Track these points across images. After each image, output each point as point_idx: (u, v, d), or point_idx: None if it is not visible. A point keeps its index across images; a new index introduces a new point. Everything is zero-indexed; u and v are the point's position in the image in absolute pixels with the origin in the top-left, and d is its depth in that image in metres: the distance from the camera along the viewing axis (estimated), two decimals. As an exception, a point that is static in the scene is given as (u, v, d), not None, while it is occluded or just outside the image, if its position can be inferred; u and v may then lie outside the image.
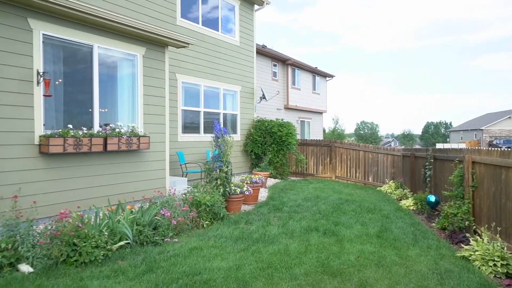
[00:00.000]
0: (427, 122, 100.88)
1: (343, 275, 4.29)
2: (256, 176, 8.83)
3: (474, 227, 5.96)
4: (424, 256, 5.00)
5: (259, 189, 8.77)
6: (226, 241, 5.41)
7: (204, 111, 11.10)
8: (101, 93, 6.63)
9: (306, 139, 14.67)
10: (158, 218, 5.59)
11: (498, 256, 4.53)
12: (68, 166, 6.05)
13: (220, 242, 5.35)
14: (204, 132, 11.00)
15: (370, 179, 12.75)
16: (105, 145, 6.36)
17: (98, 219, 5.14)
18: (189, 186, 8.05)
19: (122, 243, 4.95)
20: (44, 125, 5.75)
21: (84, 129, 6.16)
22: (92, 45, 6.46)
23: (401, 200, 9.41)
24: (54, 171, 5.86)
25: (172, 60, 9.66)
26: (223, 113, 11.83)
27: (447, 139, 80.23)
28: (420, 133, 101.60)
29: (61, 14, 5.87)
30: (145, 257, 4.65)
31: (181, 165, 9.93)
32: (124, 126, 6.90)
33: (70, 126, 5.96)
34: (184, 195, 6.75)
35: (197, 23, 10.87)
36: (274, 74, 20.79)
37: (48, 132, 5.68)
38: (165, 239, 5.37)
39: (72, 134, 5.86)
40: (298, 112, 23.31)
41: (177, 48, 8.97)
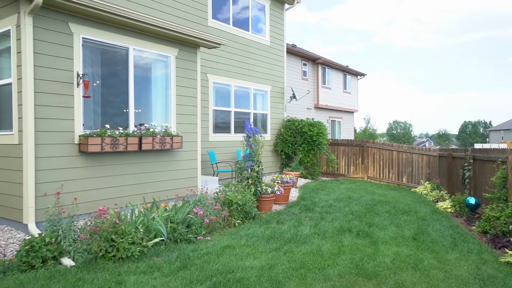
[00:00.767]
0: (464, 121, 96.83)
1: (378, 278, 4.18)
2: (287, 176, 8.78)
3: (519, 231, 5.64)
4: (465, 261, 4.79)
5: (290, 189, 8.72)
6: (258, 240, 5.41)
7: (235, 111, 11.18)
8: (136, 94, 6.82)
9: (337, 139, 14.45)
10: (191, 216, 5.68)
11: (547, 263, 4.26)
12: (105, 165, 6.27)
13: (252, 241, 5.37)
14: (235, 132, 11.08)
15: (404, 180, 12.37)
16: (140, 145, 6.53)
17: (134, 216, 5.29)
18: (221, 185, 8.13)
19: (157, 240, 5.06)
20: (83, 125, 5.99)
21: (120, 129, 6.36)
22: (128, 47, 6.66)
23: (438, 202, 9.07)
24: (92, 170, 6.09)
25: (204, 61, 9.79)
26: (253, 113, 11.86)
27: (487, 139, 76.57)
28: (457, 133, 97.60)
29: (99, 18, 6.09)
30: (179, 254, 4.74)
31: (212, 165, 10.05)
32: (158, 126, 7.07)
33: (107, 126, 6.17)
34: (216, 194, 6.83)
35: (228, 24, 10.97)
36: (304, 74, 20.63)
37: (87, 132, 5.91)
38: (198, 237, 5.45)
39: (109, 134, 6.06)
40: (329, 112, 23.00)
41: (209, 49, 9.09)
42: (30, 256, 4.18)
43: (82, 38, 5.96)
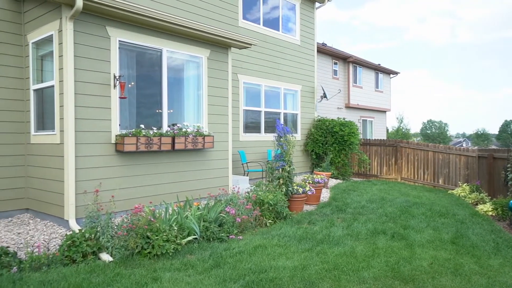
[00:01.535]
0: (505, 121, 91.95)
1: (416, 282, 4.04)
2: (318, 176, 8.68)
3: None
4: (509, 267, 4.54)
5: (321, 190, 8.61)
6: (290, 241, 5.38)
7: (265, 111, 11.18)
8: (169, 95, 6.96)
9: (369, 139, 14.12)
10: (223, 215, 5.73)
11: None
12: (140, 164, 6.44)
13: (284, 241, 5.34)
14: (265, 132, 11.08)
15: (440, 182, 11.91)
16: (173, 144, 6.66)
17: (168, 215, 5.41)
18: (252, 185, 8.15)
19: (190, 238, 5.15)
20: (119, 125, 6.19)
21: (154, 129, 6.52)
22: (161, 49, 6.81)
23: (477, 205, 8.66)
24: (128, 168, 6.28)
25: (234, 61, 9.86)
26: (284, 113, 11.82)
27: (529, 139, 72.34)
28: (497, 133, 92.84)
29: (135, 21, 6.27)
30: (212, 253, 4.79)
31: (243, 164, 10.10)
32: (190, 126, 7.18)
33: (142, 126, 6.34)
34: (247, 194, 6.85)
35: (258, 24, 10.99)
36: (335, 73, 20.34)
37: (123, 132, 6.10)
38: (230, 236, 5.48)
39: (144, 134, 6.23)
40: (360, 111, 22.54)
41: (239, 49, 9.15)
42: (72, 251, 4.37)
43: (119, 41, 6.16)
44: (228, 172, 8.03)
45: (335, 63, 20.42)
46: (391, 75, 26.13)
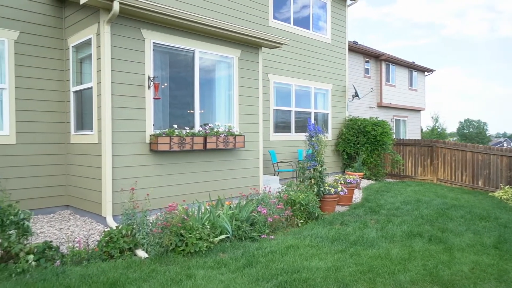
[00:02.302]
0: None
1: (456, 287, 3.87)
2: (350, 177, 8.52)
3: None
4: (559, 274, 4.26)
5: (354, 190, 8.45)
6: (322, 241, 5.31)
7: (295, 111, 11.11)
8: (200, 95, 7.06)
9: (403, 139, 13.70)
10: (255, 215, 5.74)
11: None
12: (173, 163, 6.57)
13: (316, 242, 5.27)
14: (295, 132, 11.01)
15: (480, 183, 11.36)
16: (205, 144, 6.75)
17: (200, 213, 5.48)
18: (282, 185, 8.12)
19: (222, 237, 5.19)
20: (153, 125, 6.34)
21: (187, 129, 6.63)
22: (194, 50, 6.92)
23: (522, 208, 8.19)
24: (162, 167, 6.42)
25: (264, 61, 9.85)
26: (314, 112, 11.69)
27: None
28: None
29: (168, 23, 6.40)
30: (244, 252, 4.80)
31: (273, 164, 10.08)
32: (221, 126, 7.25)
33: (175, 126, 6.47)
34: (278, 193, 6.83)
35: (289, 23, 10.93)
36: (366, 71, 19.90)
37: (157, 132, 6.24)
38: (262, 236, 5.48)
39: (177, 134, 6.34)
40: (393, 110, 21.93)
41: (270, 49, 9.13)
42: (110, 247, 4.52)
43: (153, 43, 6.31)
44: (259, 172, 8.04)
45: (367, 62, 19.99)
46: (426, 73, 25.25)
